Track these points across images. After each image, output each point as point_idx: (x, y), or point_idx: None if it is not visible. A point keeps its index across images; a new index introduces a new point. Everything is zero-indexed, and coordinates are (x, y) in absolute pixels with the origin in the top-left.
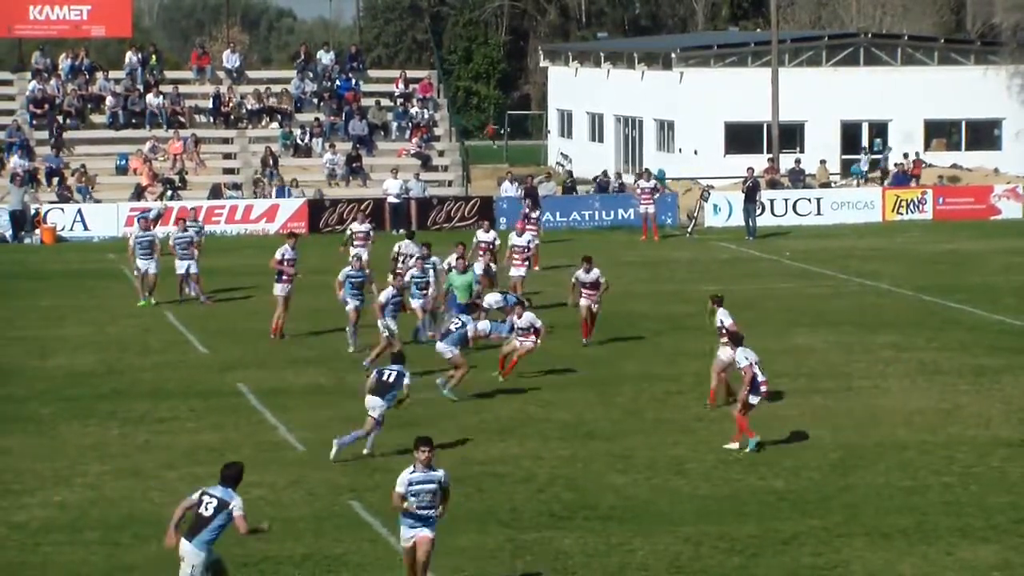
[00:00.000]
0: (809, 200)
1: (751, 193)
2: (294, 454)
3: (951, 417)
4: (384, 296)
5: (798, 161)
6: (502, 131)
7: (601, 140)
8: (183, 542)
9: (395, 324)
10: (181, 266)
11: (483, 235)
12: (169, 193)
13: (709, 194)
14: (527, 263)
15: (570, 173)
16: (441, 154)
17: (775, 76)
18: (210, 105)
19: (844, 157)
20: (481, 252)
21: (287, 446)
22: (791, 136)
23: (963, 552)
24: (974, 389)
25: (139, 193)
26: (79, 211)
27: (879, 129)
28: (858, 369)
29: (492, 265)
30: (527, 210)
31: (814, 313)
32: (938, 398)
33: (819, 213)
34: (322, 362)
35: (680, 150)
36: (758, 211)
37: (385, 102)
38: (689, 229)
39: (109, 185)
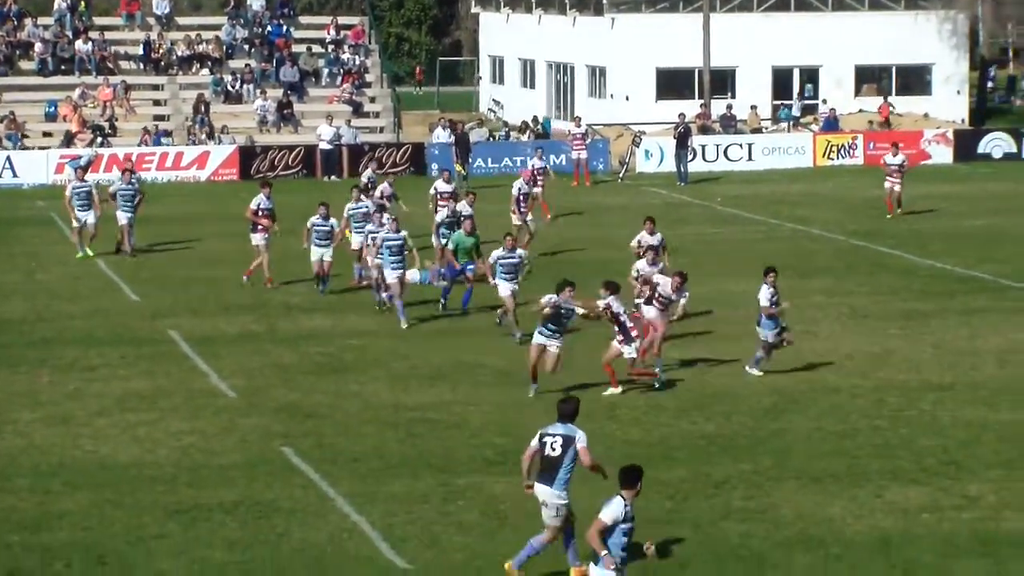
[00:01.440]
0: (740, 146)
1: (683, 139)
2: (226, 401)
3: (882, 361)
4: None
5: (729, 107)
6: (418, 85)
7: (533, 86)
8: (541, 488)
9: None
10: (123, 218)
11: (443, 186)
12: (99, 140)
13: (641, 140)
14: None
15: (505, 123)
16: (372, 100)
17: (706, 22)
18: (140, 52)
19: (776, 103)
20: (443, 203)
21: (219, 393)
22: (722, 82)
23: (893, 495)
24: (904, 333)
25: (68, 140)
26: (8, 158)
27: (810, 75)
28: (789, 314)
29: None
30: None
31: (746, 258)
32: (869, 342)
33: (750, 159)
34: (254, 309)
35: (612, 96)
36: (690, 157)
37: (316, 48)
38: (621, 175)
39: (39, 132)
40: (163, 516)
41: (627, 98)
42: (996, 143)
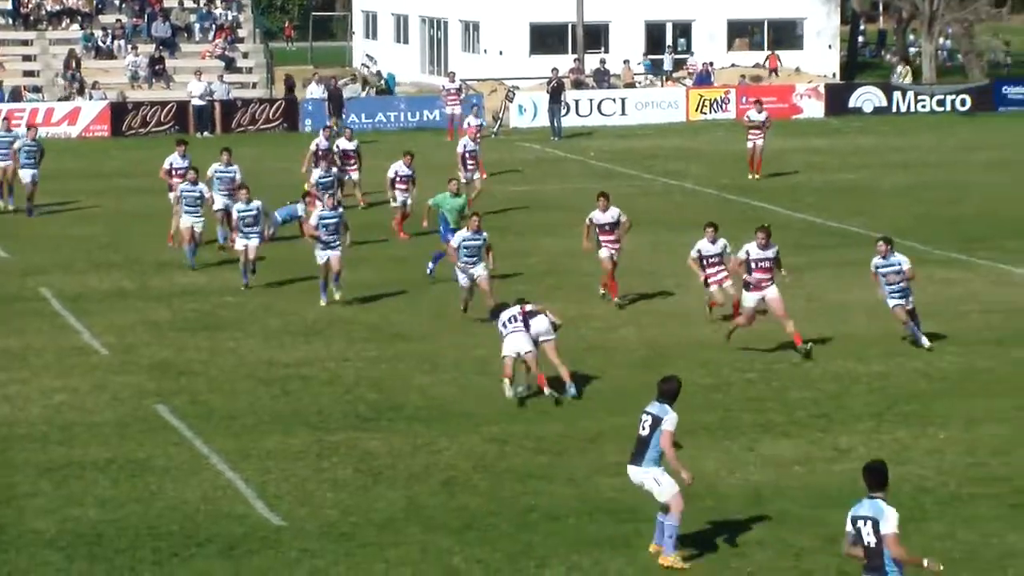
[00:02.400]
0: (614, 100)
1: (556, 94)
2: (98, 358)
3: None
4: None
5: (603, 62)
6: (288, 40)
7: (406, 41)
8: (631, 468)
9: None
10: (27, 175)
11: (404, 168)
12: None
13: (514, 95)
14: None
15: (379, 74)
16: (245, 56)
17: None
18: (9, 6)
19: (650, 57)
20: (402, 186)
21: (91, 351)
22: (596, 37)
23: (765, 447)
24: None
25: None
26: None
27: (683, 29)
28: (663, 268)
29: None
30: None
31: None
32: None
33: (624, 113)
34: (126, 266)
35: (486, 51)
36: (563, 112)
37: (188, 3)
38: (495, 129)
39: None
40: (35, 475)
41: (500, 53)
42: (867, 97)
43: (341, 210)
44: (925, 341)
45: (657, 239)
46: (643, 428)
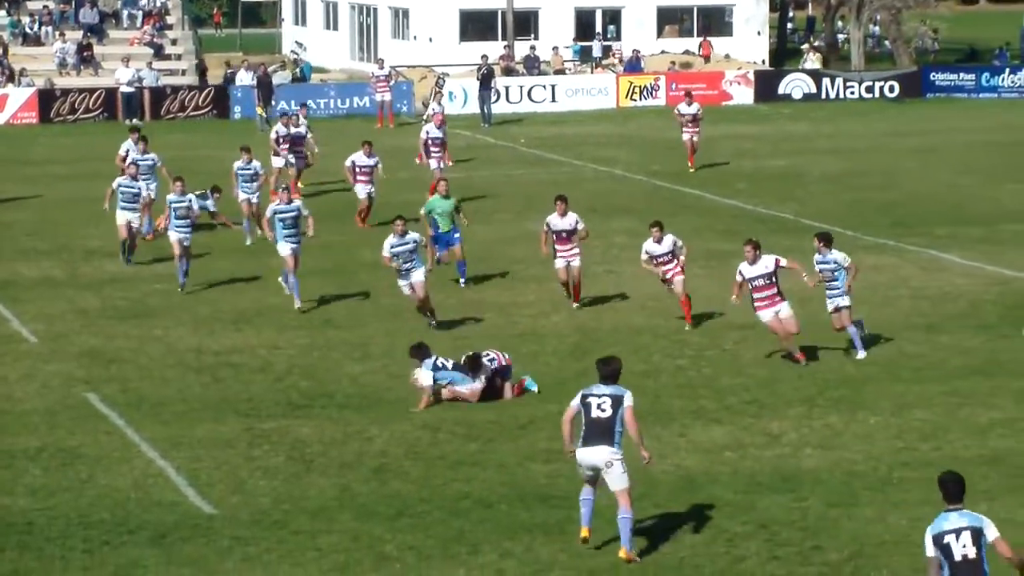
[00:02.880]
0: (544, 87)
1: (486, 80)
2: (27, 346)
3: None
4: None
5: (533, 48)
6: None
7: (336, 28)
8: (598, 449)
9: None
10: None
11: (362, 159)
12: None
13: (444, 81)
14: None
15: (295, 62)
16: (174, 43)
17: None
18: None
19: (580, 44)
20: (363, 177)
21: (20, 338)
22: (526, 23)
23: (696, 434)
24: (707, 273)
25: None
26: None
27: (612, 16)
28: (593, 255)
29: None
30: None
31: (549, 199)
32: None
33: (554, 100)
34: (54, 254)
35: (415, 37)
36: (493, 98)
37: None
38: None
39: None
40: None
41: (430, 40)
42: (796, 84)
43: (298, 203)
44: (862, 354)
45: (589, 226)
46: (600, 410)
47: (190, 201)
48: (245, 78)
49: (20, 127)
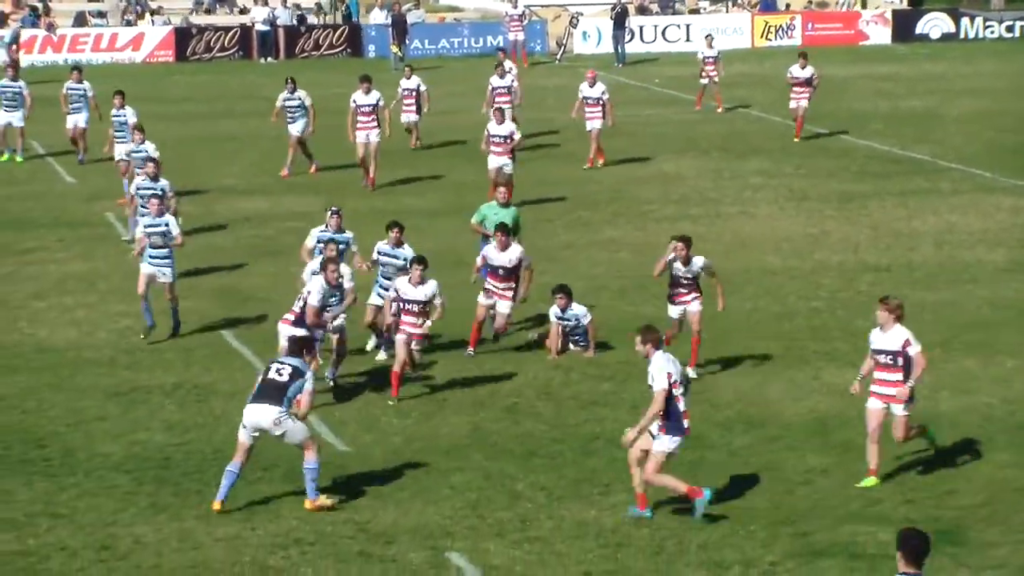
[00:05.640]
0: (678, 26)
1: (620, 20)
2: (163, 283)
3: (819, 243)
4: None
5: None
6: None
7: None
8: (253, 408)
9: None
10: (5, 118)
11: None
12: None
13: (578, 21)
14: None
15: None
16: None
17: None
18: None
19: None
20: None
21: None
22: None
23: (830, 376)
24: (841, 215)
25: (2, 20)
26: None
27: None
28: (727, 195)
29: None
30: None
31: (683, 139)
32: (806, 224)
33: (688, 39)
34: (190, 191)
35: None
36: (627, 38)
37: None
38: (558, 56)
39: None
40: (102, 399)
41: None
42: (934, 23)
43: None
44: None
45: (721, 166)
46: (279, 374)
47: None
48: (379, 17)
49: (156, 65)
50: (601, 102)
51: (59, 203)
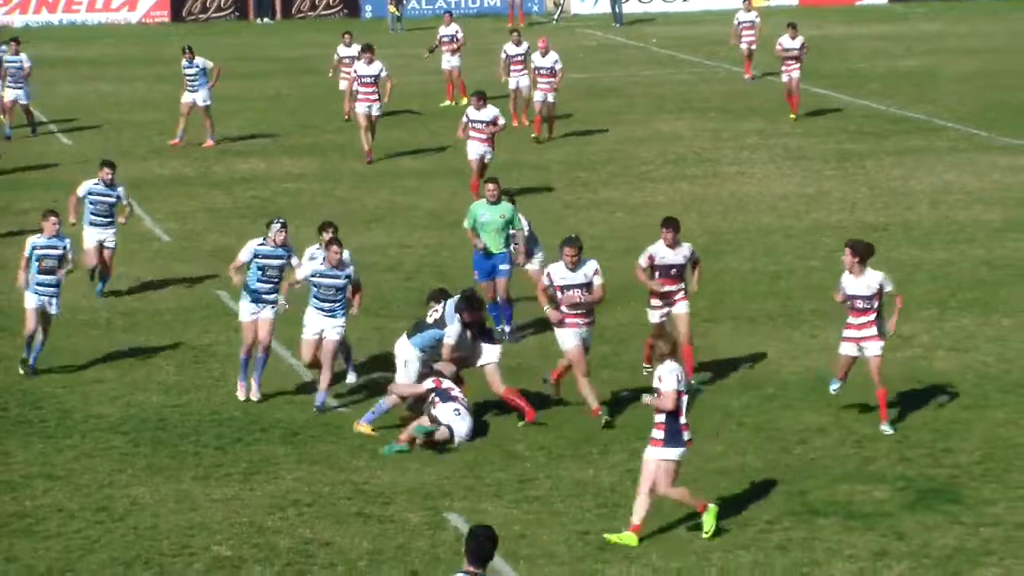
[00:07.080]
0: None
1: None
2: (160, 245)
3: (816, 202)
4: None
5: None
6: None
7: None
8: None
9: None
10: (10, 94)
11: (475, 113)
12: None
13: None
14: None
15: None
16: None
17: None
18: None
19: None
20: (477, 133)
21: (153, 237)
22: None
23: (827, 335)
24: (839, 174)
25: None
26: None
27: None
28: (724, 155)
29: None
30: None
31: (680, 100)
32: (803, 183)
33: (686, 0)
34: (186, 153)
35: None
36: None
37: None
38: (556, 16)
39: None
40: (100, 361)
41: None
42: None
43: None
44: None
45: (718, 126)
46: None
47: (119, 195)
48: None
49: (152, 26)
50: (553, 71)
51: (55, 165)
